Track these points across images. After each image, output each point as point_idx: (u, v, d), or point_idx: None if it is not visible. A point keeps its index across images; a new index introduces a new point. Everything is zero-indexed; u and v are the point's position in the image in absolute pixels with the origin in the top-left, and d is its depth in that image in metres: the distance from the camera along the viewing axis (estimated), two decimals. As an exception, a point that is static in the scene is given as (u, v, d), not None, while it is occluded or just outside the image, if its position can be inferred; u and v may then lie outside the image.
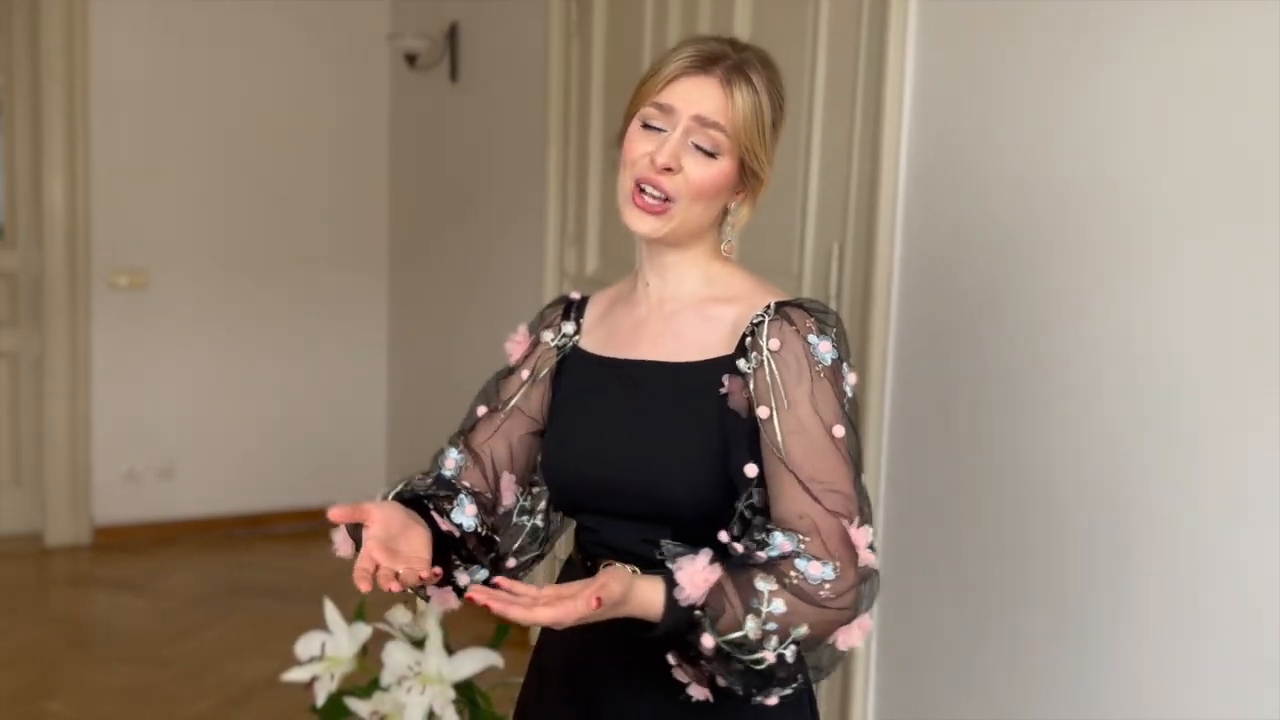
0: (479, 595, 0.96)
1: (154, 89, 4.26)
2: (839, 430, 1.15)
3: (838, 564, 1.10)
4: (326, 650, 1.66)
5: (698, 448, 1.19)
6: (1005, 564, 1.94)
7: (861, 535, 1.13)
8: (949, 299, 2.06)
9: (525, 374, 1.35)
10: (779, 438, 1.14)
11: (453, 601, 1.29)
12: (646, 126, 1.20)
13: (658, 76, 1.20)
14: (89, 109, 4.15)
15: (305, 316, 4.58)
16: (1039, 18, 1.84)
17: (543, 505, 1.37)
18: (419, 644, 1.70)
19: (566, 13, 3.25)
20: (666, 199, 1.19)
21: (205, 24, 4.29)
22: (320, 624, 1.74)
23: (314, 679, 1.67)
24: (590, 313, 1.35)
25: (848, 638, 1.13)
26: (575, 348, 1.33)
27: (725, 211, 1.25)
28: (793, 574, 1.09)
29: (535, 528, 1.36)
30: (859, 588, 1.11)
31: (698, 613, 1.06)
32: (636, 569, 1.18)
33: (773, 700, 1.11)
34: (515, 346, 1.38)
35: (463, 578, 1.27)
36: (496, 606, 0.96)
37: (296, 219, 4.55)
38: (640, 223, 1.21)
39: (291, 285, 4.55)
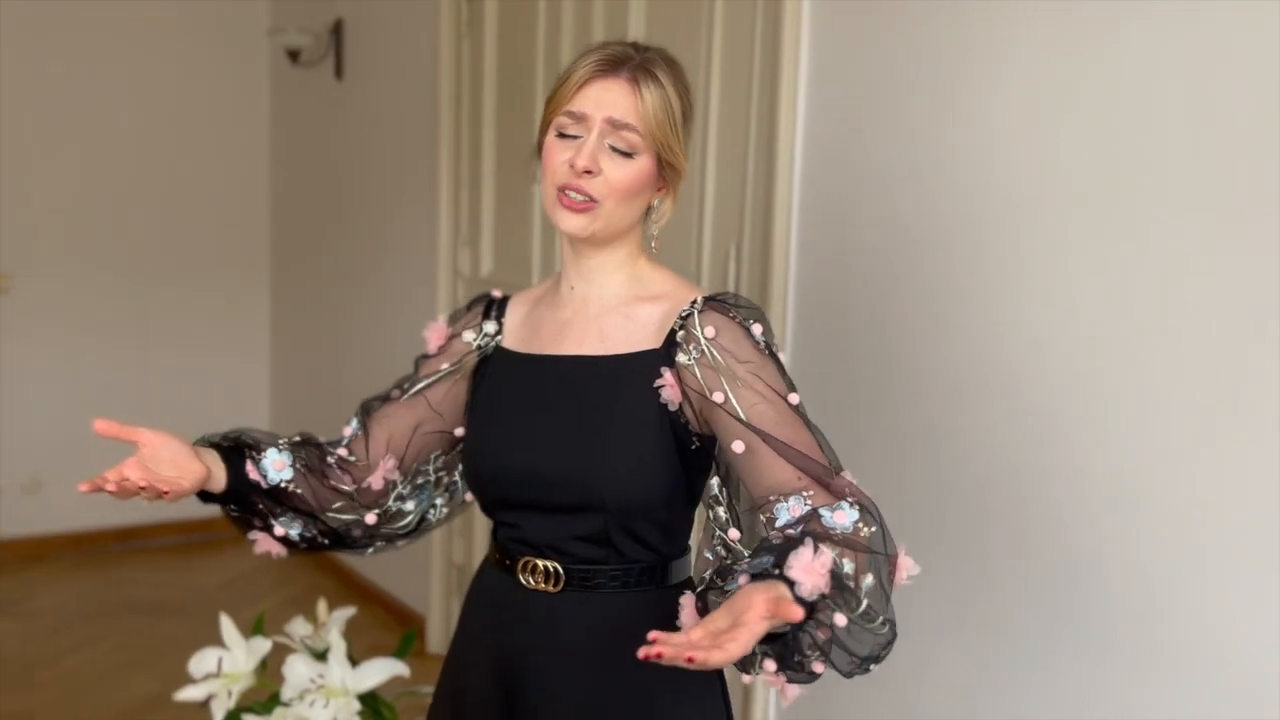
0: (668, 653, 0.91)
1: (13, 82, 4.04)
2: (794, 398, 1.17)
3: (851, 500, 1.09)
4: (223, 666, 1.60)
5: (625, 438, 1.20)
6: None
7: (850, 477, 1.13)
8: (844, 297, 2.11)
9: (444, 365, 1.36)
10: (741, 414, 1.14)
11: (275, 548, 1.34)
12: (562, 135, 1.22)
13: (567, 84, 1.22)
14: (-57, 102, 3.92)
15: (181, 321, 4.41)
16: (927, 20, 1.90)
17: (419, 495, 1.39)
18: (321, 656, 1.65)
19: (457, 12, 3.21)
20: (591, 200, 1.20)
21: (72, 14, 4.09)
22: (207, 639, 1.68)
23: (210, 697, 1.61)
24: (512, 313, 1.36)
25: (905, 571, 1.08)
26: (498, 347, 1.34)
27: (649, 209, 1.26)
28: (832, 531, 1.05)
29: (401, 510, 1.38)
30: (879, 517, 1.09)
31: (823, 599, 1.01)
32: (556, 567, 1.22)
33: (876, 667, 1.07)
34: (433, 335, 1.38)
35: (279, 528, 1.32)
36: (699, 657, 0.90)
37: (171, 219, 4.38)
38: (568, 221, 1.21)
39: (167, 289, 4.37)
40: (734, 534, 1.18)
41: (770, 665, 1.07)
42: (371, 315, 3.80)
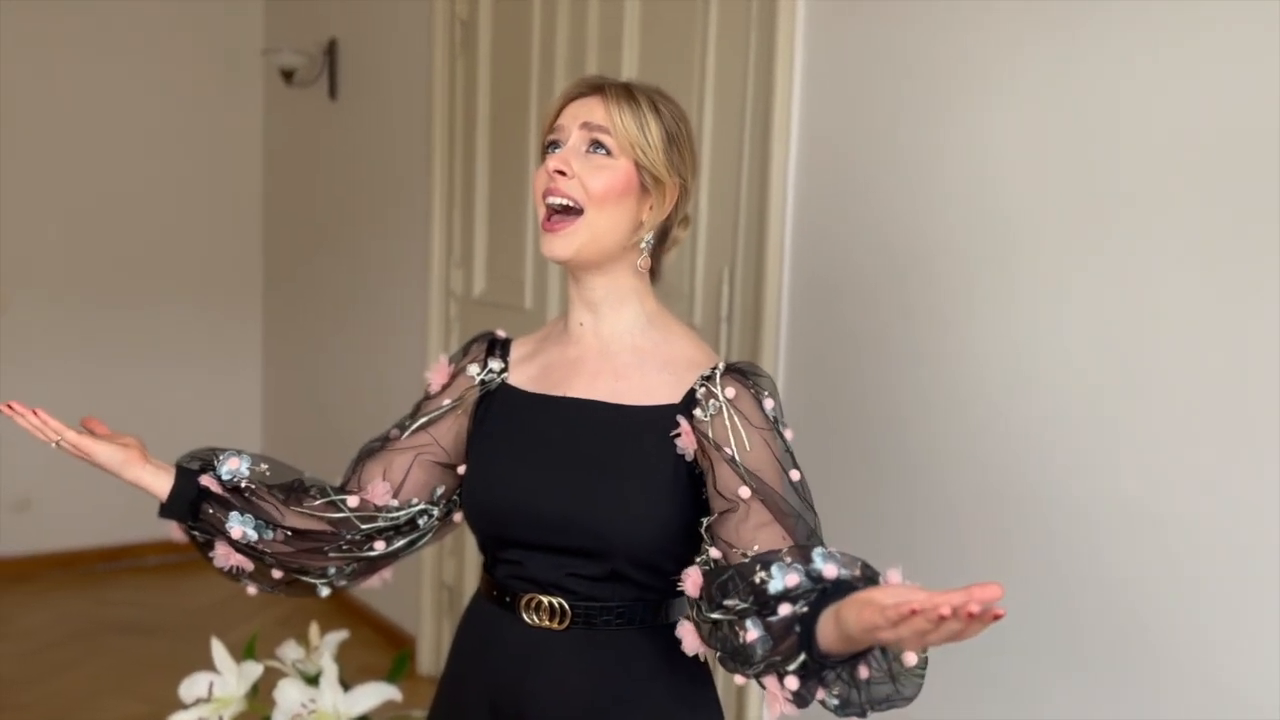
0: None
1: (8, 100, 4.03)
2: (795, 474, 1.17)
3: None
4: (214, 691, 1.59)
5: (638, 485, 1.19)
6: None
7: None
8: (836, 320, 2.12)
9: (446, 401, 1.34)
10: (748, 469, 1.15)
11: (236, 558, 1.31)
12: (544, 154, 1.24)
13: (548, 116, 1.26)
14: (-65, 120, 3.91)
15: (174, 340, 4.40)
16: (922, 47, 1.92)
17: (401, 520, 1.33)
18: (312, 680, 1.64)
19: (451, 32, 3.23)
20: (571, 208, 1.20)
21: (63, 32, 4.10)
22: (194, 660, 1.67)
23: (200, 721, 1.60)
24: (516, 351, 1.35)
25: None
26: (503, 384, 1.32)
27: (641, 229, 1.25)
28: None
29: (389, 505, 1.32)
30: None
31: None
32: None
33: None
34: (436, 375, 1.36)
35: (235, 528, 1.29)
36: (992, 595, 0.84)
37: (165, 239, 4.37)
38: (552, 246, 1.22)
39: (158, 308, 4.36)
40: (714, 552, 1.15)
41: (793, 682, 1.02)
42: (364, 336, 3.80)
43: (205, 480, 1.30)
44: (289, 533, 1.30)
